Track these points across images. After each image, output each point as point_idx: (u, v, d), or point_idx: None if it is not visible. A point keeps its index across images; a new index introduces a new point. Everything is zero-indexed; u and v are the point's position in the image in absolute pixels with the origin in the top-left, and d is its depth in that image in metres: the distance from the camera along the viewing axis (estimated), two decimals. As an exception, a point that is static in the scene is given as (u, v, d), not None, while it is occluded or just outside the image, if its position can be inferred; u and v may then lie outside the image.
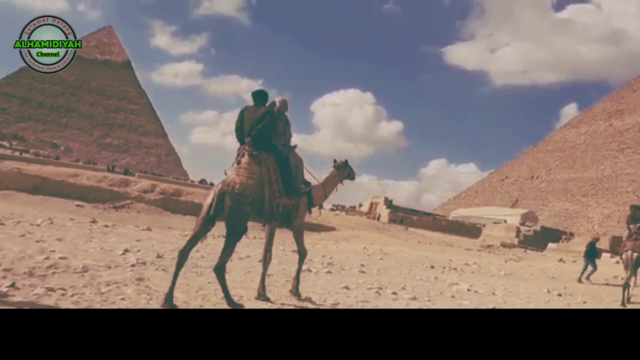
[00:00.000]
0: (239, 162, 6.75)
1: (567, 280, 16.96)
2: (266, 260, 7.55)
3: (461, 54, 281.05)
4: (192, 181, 77.54)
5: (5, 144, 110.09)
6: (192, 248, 6.22)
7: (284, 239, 15.51)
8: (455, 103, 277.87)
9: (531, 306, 9.88)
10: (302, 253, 7.79)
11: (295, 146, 7.65)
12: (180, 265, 6.10)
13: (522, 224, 73.38)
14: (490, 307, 8.98)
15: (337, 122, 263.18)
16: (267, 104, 7.16)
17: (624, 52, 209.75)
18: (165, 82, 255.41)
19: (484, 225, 73.02)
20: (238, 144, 7.08)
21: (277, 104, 7.34)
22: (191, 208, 33.54)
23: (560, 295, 12.28)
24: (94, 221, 14.96)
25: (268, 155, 6.83)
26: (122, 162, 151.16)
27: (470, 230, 72.49)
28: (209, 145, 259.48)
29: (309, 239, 19.53)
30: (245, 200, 6.40)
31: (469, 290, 10.58)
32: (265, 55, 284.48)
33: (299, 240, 7.73)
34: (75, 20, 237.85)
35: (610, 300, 12.38)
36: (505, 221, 79.77)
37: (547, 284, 15.00)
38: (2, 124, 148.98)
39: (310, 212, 7.78)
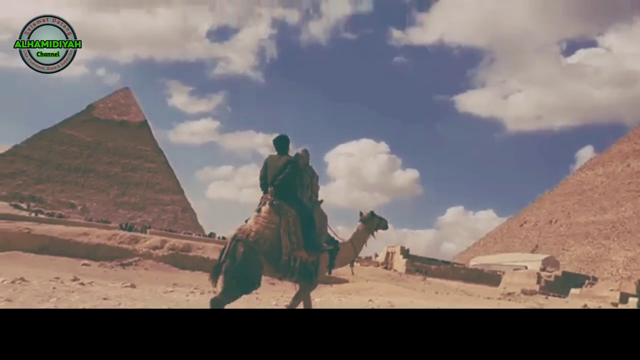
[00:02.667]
0: (258, 211, 6.55)
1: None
2: None
3: (473, 102, 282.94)
4: (203, 235, 77.11)
5: (24, 205, 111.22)
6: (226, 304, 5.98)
7: (283, 291, 14.80)
8: (470, 150, 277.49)
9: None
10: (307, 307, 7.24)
11: (321, 201, 7.34)
12: None
13: (543, 269, 71.34)
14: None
15: (352, 172, 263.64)
16: (289, 151, 7.01)
17: (636, 93, 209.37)
18: (182, 140, 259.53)
19: (503, 273, 71.09)
20: (261, 194, 6.94)
21: (301, 157, 7.15)
22: (200, 263, 33.05)
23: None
24: (75, 279, 14.40)
25: (290, 206, 6.57)
26: (139, 219, 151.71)
27: (490, 278, 70.54)
28: (225, 200, 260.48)
29: (317, 292, 18.78)
30: (259, 249, 6.12)
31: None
32: (279, 110, 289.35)
33: (307, 297, 7.19)
34: (95, 84, 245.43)
35: None
36: (526, 267, 77.64)
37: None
38: (22, 186, 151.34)
39: (330, 272, 7.31)
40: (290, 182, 6.72)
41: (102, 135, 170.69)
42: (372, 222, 7.80)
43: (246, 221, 6.54)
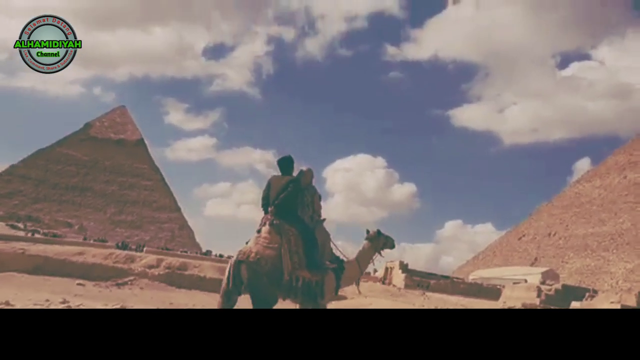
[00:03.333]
0: (259, 231, 6.49)
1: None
2: None
3: (469, 116, 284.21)
4: (200, 253, 76.66)
5: (20, 225, 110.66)
6: None
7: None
8: (467, 163, 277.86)
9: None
10: None
11: (324, 220, 7.21)
12: None
13: (543, 282, 70.91)
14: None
15: (350, 187, 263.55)
16: (293, 171, 6.93)
17: (631, 105, 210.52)
18: (179, 157, 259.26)
19: (503, 286, 70.65)
20: (262, 214, 6.85)
21: (304, 175, 7.04)
22: (196, 282, 32.73)
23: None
24: (64, 301, 14.13)
25: (291, 225, 6.48)
26: (136, 238, 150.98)
27: (490, 292, 70.08)
28: (223, 217, 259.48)
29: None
30: (260, 270, 6.05)
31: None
32: (276, 126, 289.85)
33: None
34: (92, 103, 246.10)
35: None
36: (526, 281, 77.23)
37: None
38: (19, 205, 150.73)
39: (336, 293, 7.14)
40: (291, 201, 6.63)
41: (99, 153, 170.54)
42: (379, 241, 7.71)
43: (247, 243, 6.48)
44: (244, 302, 6.30)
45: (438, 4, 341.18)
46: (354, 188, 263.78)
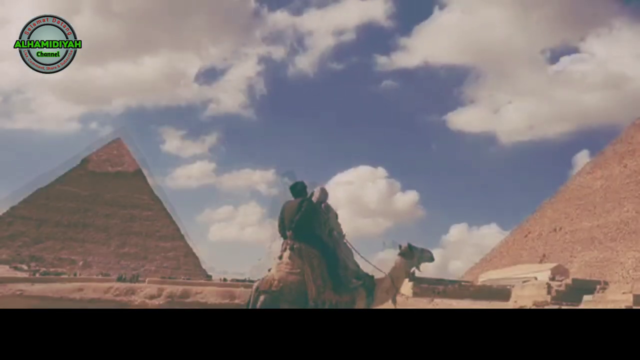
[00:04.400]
0: (280, 257, 6.36)
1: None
2: None
3: (464, 119, 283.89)
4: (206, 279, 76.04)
5: (24, 266, 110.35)
6: None
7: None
8: (467, 166, 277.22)
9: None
10: None
11: (344, 235, 7.04)
12: None
13: (552, 279, 70.13)
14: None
15: (352, 200, 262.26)
16: (306, 195, 6.79)
17: (625, 94, 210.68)
18: (179, 185, 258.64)
19: (513, 287, 69.89)
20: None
21: (316, 194, 6.89)
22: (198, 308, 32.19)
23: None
24: None
25: (311, 248, 6.33)
26: (142, 269, 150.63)
27: (500, 293, 69.26)
28: (228, 241, 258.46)
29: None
30: (283, 298, 5.94)
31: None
32: (274, 145, 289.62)
33: None
34: (89, 138, 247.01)
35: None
36: (536, 278, 76.36)
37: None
38: (22, 247, 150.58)
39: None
40: (307, 222, 6.46)
41: (98, 187, 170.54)
42: (413, 256, 7.56)
43: (269, 270, 6.38)
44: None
45: (424, 10, 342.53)
46: (357, 200, 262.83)
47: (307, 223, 6.50)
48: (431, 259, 7.71)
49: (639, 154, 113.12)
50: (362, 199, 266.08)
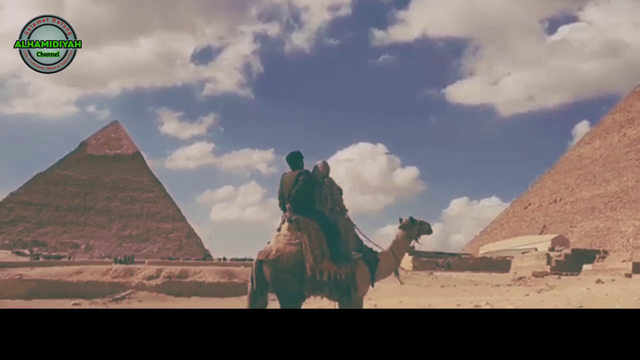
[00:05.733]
0: (279, 229, 6.34)
1: (598, 308, 14.86)
2: None
3: (464, 91, 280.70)
4: (209, 259, 76.15)
5: (26, 251, 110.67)
6: None
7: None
8: (466, 140, 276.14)
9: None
10: None
11: (346, 210, 6.85)
12: None
13: (552, 249, 70.19)
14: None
15: (353, 177, 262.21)
16: (303, 166, 6.71)
17: (624, 62, 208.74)
18: (178, 166, 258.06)
19: (512, 258, 70.02)
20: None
21: (319, 168, 6.78)
22: (196, 288, 32.19)
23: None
24: None
25: (310, 220, 6.25)
26: (144, 251, 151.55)
27: (500, 264, 69.44)
28: (229, 221, 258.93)
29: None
30: (282, 267, 5.91)
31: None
32: (273, 124, 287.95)
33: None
34: (87, 121, 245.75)
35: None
36: (536, 249, 76.50)
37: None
38: (23, 232, 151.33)
39: (372, 285, 6.83)
40: (306, 195, 6.41)
41: (97, 171, 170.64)
42: (413, 229, 7.47)
43: (268, 243, 6.35)
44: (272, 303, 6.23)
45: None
46: (357, 177, 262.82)
47: (306, 195, 6.42)
48: (429, 231, 7.62)
49: (639, 123, 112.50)
50: (362, 175, 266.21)
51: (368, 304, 6.72)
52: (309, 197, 6.46)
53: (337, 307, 6.71)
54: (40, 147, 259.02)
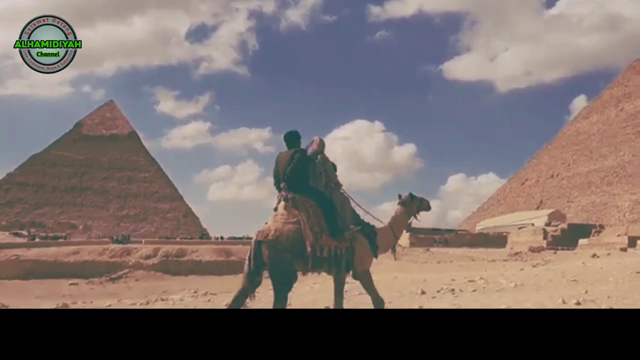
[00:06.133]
0: (275, 209, 6.36)
1: (592, 281, 14.85)
2: None
3: (461, 67, 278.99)
4: (203, 237, 76.23)
5: (24, 232, 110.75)
6: (239, 306, 6.08)
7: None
8: (464, 116, 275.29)
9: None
10: (377, 302, 6.79)
11: (341, 185, 6.89)
12: None
13: (548, 224, 70.41)
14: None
15: (350, 155, 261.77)
16: (300, 145, 6.73)
17: (623, 35, 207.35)
18: (175, 145, 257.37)
19: (509, 233, 70.26)
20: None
21: (314, 145, 6.83)
22: (193, 267, 32.22)
23: (578, 304, 10.28)
24: (64, 305, 13.38)
25: (306, 197, 6.29)
26: (142, 230, 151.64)
27: (497, 240, 69.70)
28: (227, 200, 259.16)
29: (306, 280, 17.83)
30: (281, 246, 6.01)
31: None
32: (269, 102, 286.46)
33: (369, 289, 6.83)
34: (83, 101, 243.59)
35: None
36: (533, 224, 76.77)
37: (567, 290, 12.94)
38: (21, 213, 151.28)
39: (376, 256, 6.85)
40: (300, 172, 6.45)
41: (94, 151, 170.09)
42: (412, 205, 7.47)
43: (266, 223, 6.35)
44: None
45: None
46: (355, 155, 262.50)
47: (300, 173, 6.44)
48: (428, 208, 7.62)
49: (636, 97, 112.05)
50: (360, 153, 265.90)
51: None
52: (303, 174, 6.48)
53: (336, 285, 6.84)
54: (36, 128, 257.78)
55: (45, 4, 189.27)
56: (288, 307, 10.26)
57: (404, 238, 68.12)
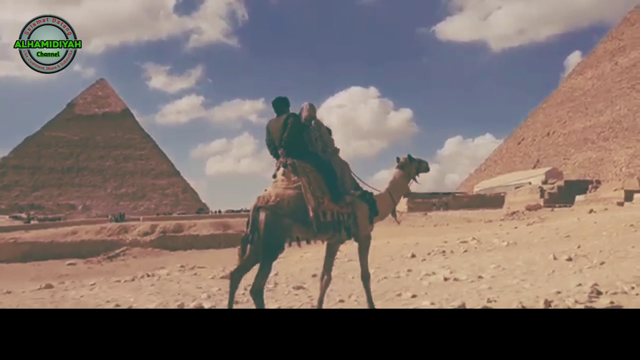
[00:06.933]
0: (274, 176, 6.22)
1: (585, 236, 14.82)
2: (323, 281, 6.68)
3: (454, 28, 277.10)
4: (203, 211, 76.24)
5: (24, 215, 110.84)
6: (242, 273, 6.04)
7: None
8: (458, 78, 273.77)
9: (527, 286, 7.91)
10: (364, 276, 6.68)
11: (338, 150, 6.75)
12: (232, 289, 6.02)
13: (545, 182, 70.46)
14: (468, 298, 7.10)
15: (346, 123, 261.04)
16: (289, 111, 6.54)
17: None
18: (169, 121, 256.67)
19: (506, 194, 70.35)
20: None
21: (304, 112, 6.68)
22: (191, 242, 32.25)
23: (569, 259, 10.23)
24: (47, 286, 13.33)
25: (305, 163, 6.15)
26: (142, 208, 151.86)
27: (495, 201, 69.82)
28: (225, 174, 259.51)
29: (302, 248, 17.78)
30: (282, 212, 5.83)
31: (446, 279, 8.61)
32: (261, 73, 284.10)
33: (363, 256, 6.69)
34: (74, 81, 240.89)
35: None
36: (530, 183, 76.84)
37: (559, 246, 12.91)
38: (19, 196, 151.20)
39: (372, 222, 6.66)
40: (296, 138, 6.29)
41: (88, 130, 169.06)
42: (411, 167, 7.33)
43: (266, 190, 6.20)
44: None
45: None
46: (351, 123, 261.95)
47: (297, 139, 6.28)
48: (427, 169, 7.50)
49: (630, 50, 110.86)
50: (356, 120, 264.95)
51: (354, 245, 6.59)
52: (300, 140, 6.35)
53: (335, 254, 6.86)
54: (28, 110, 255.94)
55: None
56: (273, 275, 10.13)
57: (402, 203, 68.17)
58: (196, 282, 11.82)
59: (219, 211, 63.87)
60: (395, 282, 9.03)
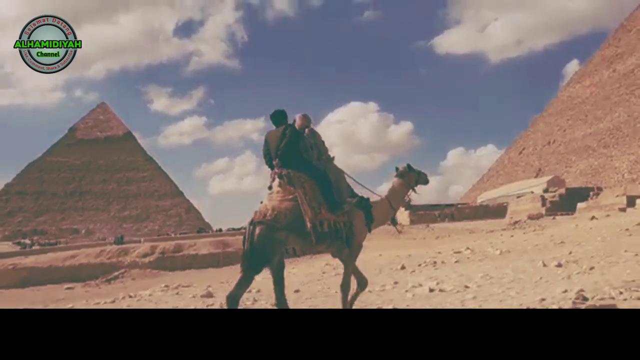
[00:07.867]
0: (270, 188, 6.17)
1: (579, 242, 14.65)
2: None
3: (452, 41, 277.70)
4: (208, 230, 76.11)
5: (27, 241, 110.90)
6: (241, 290, 5.80)
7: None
8: (458, 90, 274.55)
9: (512, 294, 7.79)
10: (344, 286, 6.59)
11: (333, 158, 6.75)
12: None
13: (546, 190, 70.20)
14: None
15: (346, 138, 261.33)
16: (288, 122, 6.58)
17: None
18: (172, 142, 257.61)
19: (508, 203, 70.06)
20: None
21: (298, 121, 6.69)
22: (189, 261, 32.14)
23: (559, 265, 10.08)
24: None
25: (300, 173, 6.12)
26: (145, 230, 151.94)
27: (497, 211, 69.44)
28: (228, 192, 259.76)
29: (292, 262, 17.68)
30: (279, 225, 5.77)
31: (431, 290, 8.48)
32: (262, 92, 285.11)
33: (347, 266, 6.62)
34: (75, 106, 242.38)
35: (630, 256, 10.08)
36: (532, 192, 76.55)
37: (551, 253, 12.75)
38: (22, 222, 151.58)
39: (369, 230, 6.67)
40: (292, 148, 6.25)
41: (90, 155, 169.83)
42: (410, 177, 7.29)
43: (261, 202, 6.12)
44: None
45: None
46: (351, 137, 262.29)
47: (292, 149, 6.25)
48: (426, 182, 7.44)
49: (628, 56, 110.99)
50: (356, 135, 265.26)
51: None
52: (296, 150, 6.30)
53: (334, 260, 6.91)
54: (30, 137, 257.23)
55: (30, 9, 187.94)
56: (255, 292, 10.01)
57: (404, 216, 67.86)
58: (174, 302, 11.73)
59: (220, 229, 63.79)
60: (378, 295, 8.91)
